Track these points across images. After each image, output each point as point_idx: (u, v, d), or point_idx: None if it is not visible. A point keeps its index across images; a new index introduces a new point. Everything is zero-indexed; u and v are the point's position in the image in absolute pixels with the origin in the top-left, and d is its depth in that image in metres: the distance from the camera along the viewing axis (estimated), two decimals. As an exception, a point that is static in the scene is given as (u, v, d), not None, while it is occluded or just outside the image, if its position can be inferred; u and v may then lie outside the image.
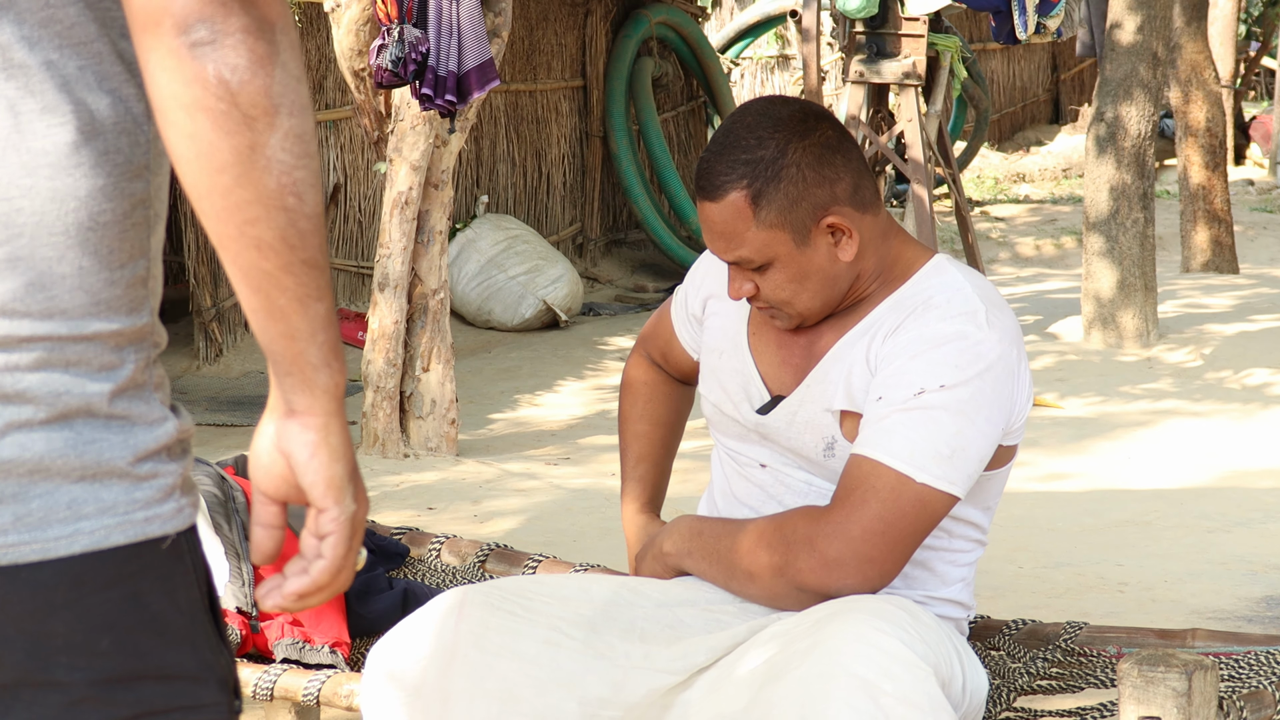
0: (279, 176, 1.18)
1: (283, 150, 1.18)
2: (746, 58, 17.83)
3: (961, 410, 2.14)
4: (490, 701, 2.10)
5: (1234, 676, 2.35)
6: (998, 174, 17.35)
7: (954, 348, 2.16)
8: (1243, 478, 6.08)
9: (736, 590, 2.25)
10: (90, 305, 1.21)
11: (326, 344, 1.23)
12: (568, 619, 2.19)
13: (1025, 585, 4.61)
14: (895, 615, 2.04)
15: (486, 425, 7.32)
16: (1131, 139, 8.55)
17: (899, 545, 2.13)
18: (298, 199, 1.19)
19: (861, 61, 8.83)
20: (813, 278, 2.25)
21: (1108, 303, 8.64)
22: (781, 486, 2.34)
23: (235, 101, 1.16)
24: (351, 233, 9.70)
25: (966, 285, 2.25)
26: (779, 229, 2.21)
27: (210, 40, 1.16)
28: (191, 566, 1.27)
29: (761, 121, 2.22)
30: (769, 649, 2.08)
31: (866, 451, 2.15)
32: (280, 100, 1.18)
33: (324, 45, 9.11)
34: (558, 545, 4.85)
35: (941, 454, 2.12)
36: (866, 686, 1.93)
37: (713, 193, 2.21)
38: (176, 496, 1.25)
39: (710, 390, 2.44)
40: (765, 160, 2.19)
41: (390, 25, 5.63)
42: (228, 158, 1.17)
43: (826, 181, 2.22)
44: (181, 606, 1.25)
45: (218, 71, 1.16)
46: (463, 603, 2.18)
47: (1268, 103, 22.98)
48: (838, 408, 2.25)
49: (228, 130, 1.16)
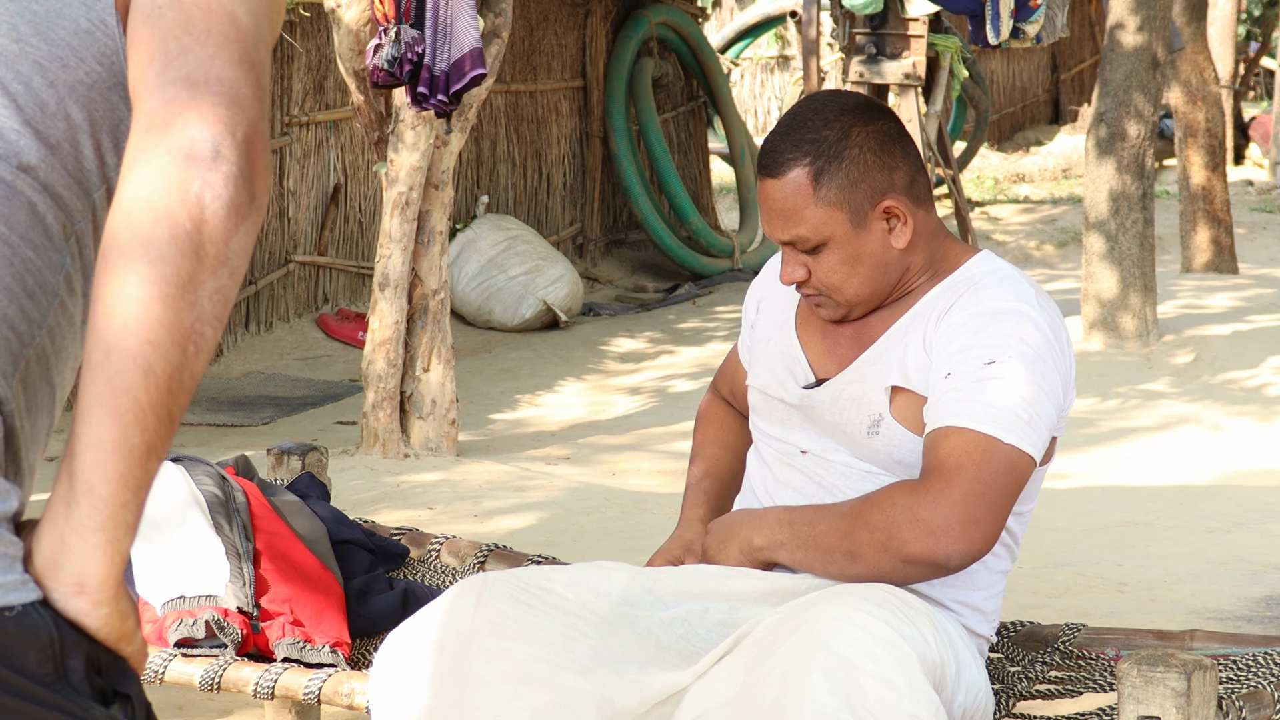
0: (194, 319, 1.17)
1: (209, 300, 1.18)
2: (746, 58, 17.84)
3: (1032, 379, 2.18)
4: (507, 683, 2.09)
5: (1233, 677, 2.35)
6: (998, 174, 17.35)
7: (1014, 322, 2.22)
8: (1242, 478, 6.09)
9: (837, 574, 2.23)
10: None
11: (142, 504, 1.19)
12: (584, 618, 2.19)
13: (1025, 585, 4.61)
14: (882, 598, 2.06)
15: (487, 425, 7.33)
16: (1131, 140, 8.56)
17: (997, 506, 2.13)
18: (195, 351, 1.18)
19: (861, 62, 8.84)
20: (865, 262, 2.30)
21: (1108, 303, 8.65)
22: (823, 471, 2.36)
23: (200, 229, 1.17)
24: (351, 233, 9.70)
25: (1015, 272, 2.33)
26: (837, 208, 2.27)
27: (208, 158, 1.17)
28: (48, 639, 1.18)
29: (828, 106, 2.31)
30: (759, 635, 2.10)
31: (951, 421, 2.17)
32: (231, 253, 1.18)
33: (324, 45, 9.11)
34: (558, 545, 4.85)
35: (1021, 417, 2.16)
36: (846, 664, 1.94)
37: (775, 169, 2.28)
38: (18, 569, 1.18)
39: (756, 376, 2.47)
40: (829, 140, 2.27)
41: (387, 25, 5.63)
42: (168, 273, 1.16)
43: (886, 168, 2.29)
44: (36, 678, 1.17)
45: (200, 192, 1.17)
46: (482, 591, 2.17)
47: (1267, 103, 22.98)
48: (891, 383, 2.29)
49: (182, 249, 1.16)
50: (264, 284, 9.07)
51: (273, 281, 9.15)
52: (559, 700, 2.09)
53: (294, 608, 2.70)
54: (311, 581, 2.76)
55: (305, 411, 7.75)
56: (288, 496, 2.94)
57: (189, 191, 1.17)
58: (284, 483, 3.12)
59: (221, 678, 2.59)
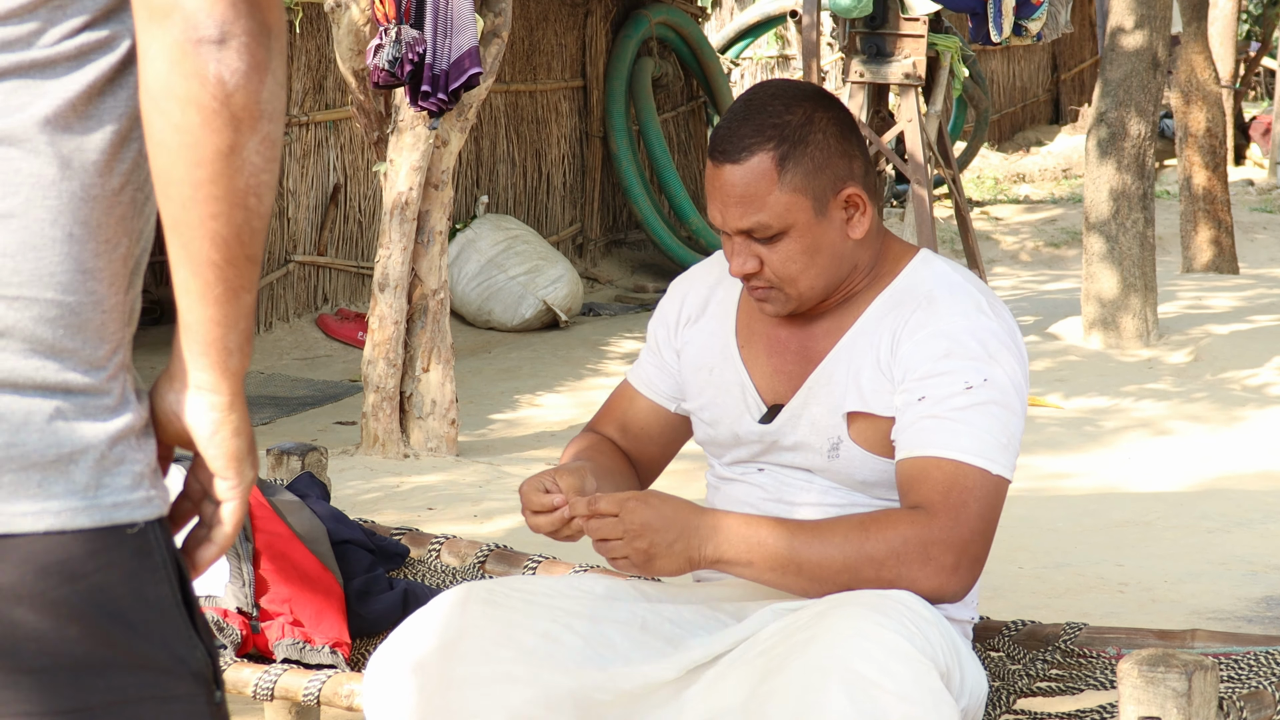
0: (248, 177, 1.22)
1: (256, 154, 1.22)
2: (746, 58, 17.83)
3: (1005, 400, 2.18)
4: (490, 685, 2.12)
5: (1234, 677, 2.35)
6: (998, 174, 17.35)
7: (977, 342, 2.20)
8: (1242, 478, 6.09)
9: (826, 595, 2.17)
10: (76, 280, 1.23)
11: (245, 332, 1.28)
12: (568, 610, 2.19)
13: (1025, 585, 4.60)
14: (893, 609, 2.04)
15: (486, 425, 7.33)
16: (1131, 140, 8.55)
17: (990, 536, 2.17)
18: (258, 199, 1.23)
19: (862, 62, 8.84)
20: (823, 252, 2.24)
21: (1108, 303, 8.64)
22: (782, 486, 2.33)
23: (228, 103, 1.20)
24: (351, 233, 9.70)
25: (957, 276, 2.29)
26: (801, 194, 2.20)
27: (217, 40, 1.19)
28: (160, 559, 1.26)
29: (786, 92, 2.25)
30: (769, 643, 2.08)
31: (941, 453, 2.15)
32: (265, 106, 1.22)
33: (324, 45, 9.11)
34: (558, 546, 4.85)
35: (1003, 444, 2.16)
36: (865, 682, 1.92)
37: (736, 155, 2.20)
38: (145, 486, 1.25)
39: (706, 407, 2.38)
40: (793, 125, 2.20)
41: (387, 26, 5.63)
42: (208, 154, 1.20)
43: (847, 155, 2.24)
44: (149, 599, 1.25)
45: (218, 72, 1.19)
46: (466, 599, 2.19)
47: (1268, 103, 22.97)
48: (849, 409, 2.25)
49: (215, 128, 1.20)
50: (263, 284, 9.07)
51: (272, 281, 9.16)
52: (538, 698, 2.10)
53: (294, 608, 2.70)
54: (311, 581, 2.76)
55: (305, 411, 7.75)
56: (287, 496, 2.94)
57: (206, 75, 1.19)
58: (284, 483, 3.11)
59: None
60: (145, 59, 1.21)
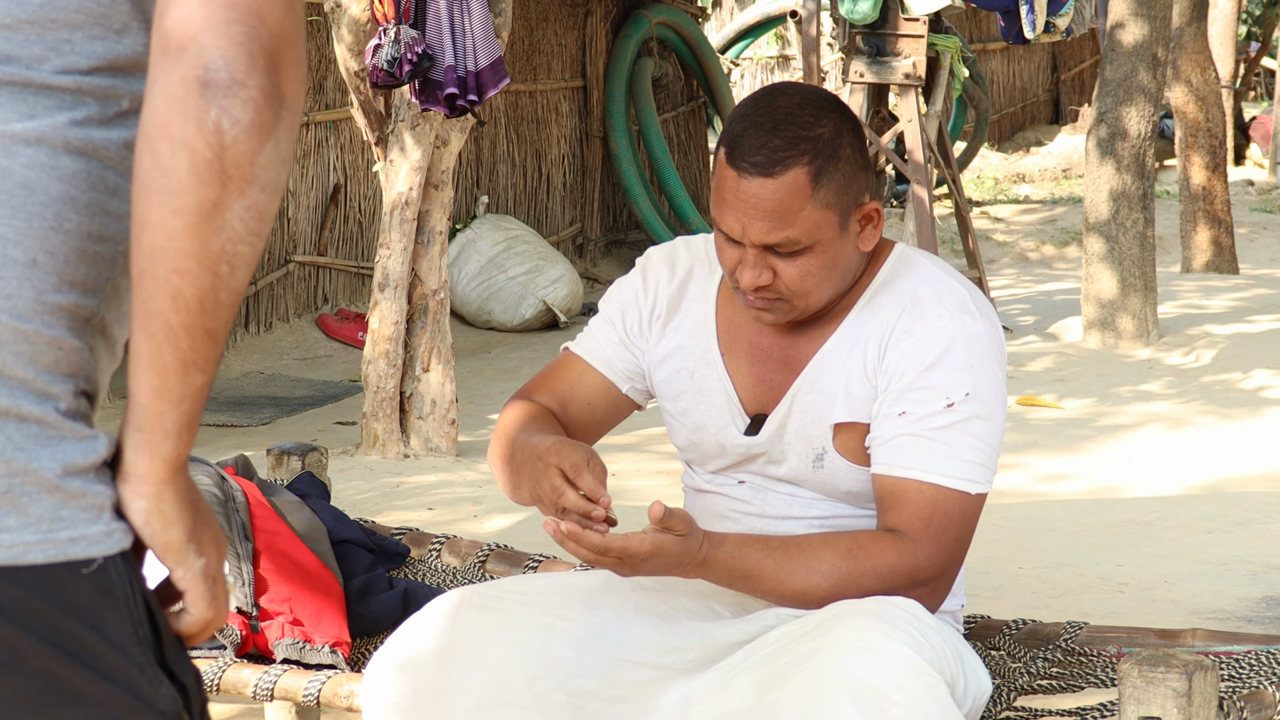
0: (225, 242, 1.16)
1: (239, 220, 1.16)
2: (746, 58, 17.83)
3: (987, 413, 2.17)
4: (483, 690, 2.12)
5: (1234, 676, 2.35)
6: (998, 174, 17.34)
7: (963, 348, 2.17)
8: (1242, 478, 6.08)
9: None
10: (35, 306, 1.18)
11: (187, 414, 1.20)
12: (563, 602, 2.20)
13: (1025, 585, 4.60)
14: (899, 618, 2.03)
15: (487, 425, 7.32)
16: (1131, 141, 8.55)
17: (966, 549, 2.21)
18: (230, 270, 1.17)
19: (862, 62, 8.84)
20: (839, 266, 2.19)
21: (1108, 304, 8.64)
22: (762, 500, 2.30)
23: (221, 154, 1.14)
24: (351, 233, 9.70)
25: (938, 271, 2.25)
26: (831, 210, 2.14)
27: (225, 85, 1.14)
28: (124, 595, 1.20)
29: (811, 101, 2.16)
30: (774, 650, 2.08)
31: (920, 476, 2.14)
32: (261, 172, 1.16)
33: (324, 45, 9.10)
34: (558, 545, 4.84)
35: (981, 461, 2.17)
36: (875, 695, 1.91)
37: (770, 169, 2.10)
38: (106, 519, 1.20)
39: (688, 412, 2.33)
40: (825, 139, 2.13)
41: (387, 26, 5.64)
42: (189, 203, 1.15)
43: (865, 169, 2.20)
44: (110, 638, 1.19)
45: (218, 120, 1.14)
46: (460, 604, 2.20)
47: (1268, 103, 22.97)
48: (836, 420, 2.22)
49: (202, 178, 1.14)
50: (263, 284, 9.07)
51: (272, 281, 9.15)
52: (534, 703, 2.11)
53: (293, 607, 2.70)
54: (311, 581, 2.76)
55: (305, 412, 7.75)
56: (287, 496, 2.94)
57: (205, 120, 1.14)
58: (284, 483, 3.11)
59: (221, 679, 2.58)
60: (149, 95, 1.16)
